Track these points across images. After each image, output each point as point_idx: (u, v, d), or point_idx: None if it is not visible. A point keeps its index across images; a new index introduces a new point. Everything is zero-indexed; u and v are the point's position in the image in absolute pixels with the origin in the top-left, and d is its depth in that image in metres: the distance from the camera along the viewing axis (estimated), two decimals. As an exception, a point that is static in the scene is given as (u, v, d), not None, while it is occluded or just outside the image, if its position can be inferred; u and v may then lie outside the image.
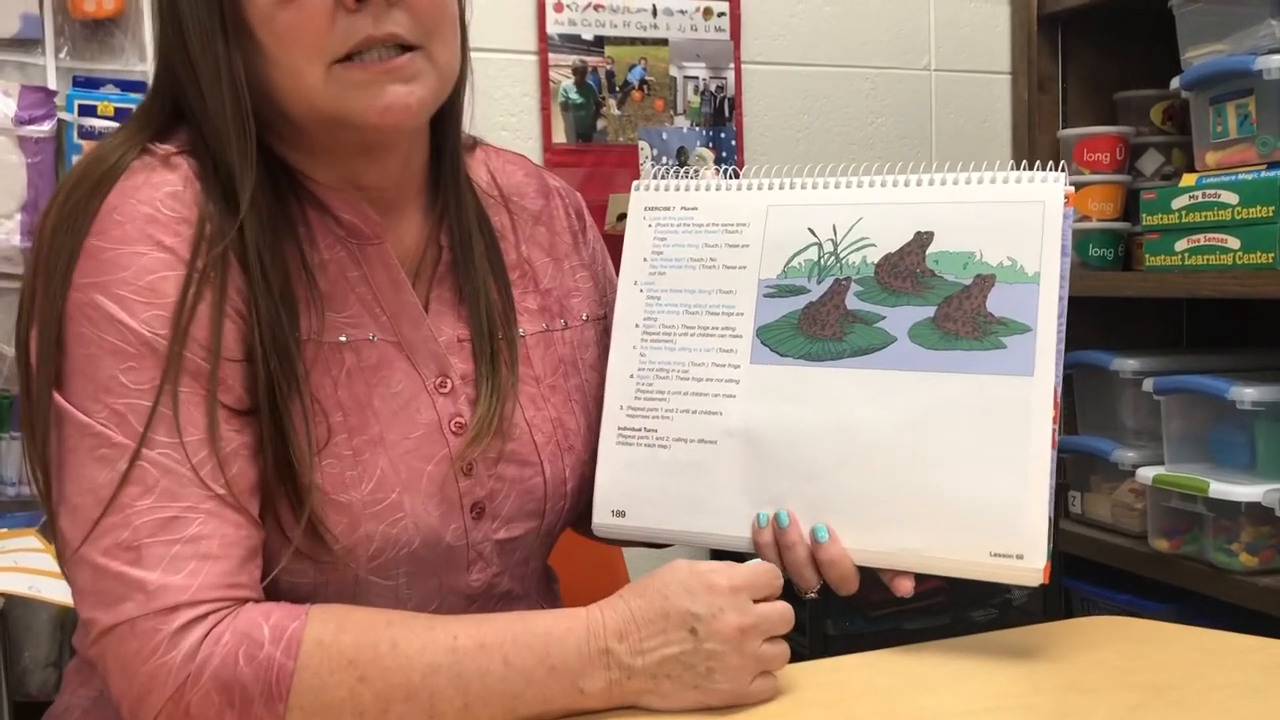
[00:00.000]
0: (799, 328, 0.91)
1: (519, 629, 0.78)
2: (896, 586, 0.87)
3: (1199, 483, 1.64)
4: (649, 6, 2.00)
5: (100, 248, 0.78)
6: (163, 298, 0.77)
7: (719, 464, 0.91)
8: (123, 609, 0.73)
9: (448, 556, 0.87)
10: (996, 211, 0.88)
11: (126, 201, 0.79)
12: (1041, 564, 0.84)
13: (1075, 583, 2.03)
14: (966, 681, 0.85)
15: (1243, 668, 0.88)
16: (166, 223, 0.79)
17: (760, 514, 0.89)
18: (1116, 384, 1.89)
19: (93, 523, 0.74)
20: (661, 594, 0.79)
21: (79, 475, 0.76)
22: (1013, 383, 0.85)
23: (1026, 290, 0.86)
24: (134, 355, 0.76)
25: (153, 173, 0.80)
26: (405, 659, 0.75)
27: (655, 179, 0.99)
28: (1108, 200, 1.98)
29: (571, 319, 0.98)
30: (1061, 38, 2.15)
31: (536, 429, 0.92)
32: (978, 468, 0.85)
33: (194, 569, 0.74)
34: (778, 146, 2.08)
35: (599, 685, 0.78)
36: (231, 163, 0.79)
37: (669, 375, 0.94)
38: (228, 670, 0.73)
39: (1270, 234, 1.57)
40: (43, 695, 1.73)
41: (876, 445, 0.87)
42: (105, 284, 0.77)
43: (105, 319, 0.76)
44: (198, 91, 0.80)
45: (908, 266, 0.90)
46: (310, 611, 0.77)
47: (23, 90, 1.65)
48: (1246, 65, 1.62)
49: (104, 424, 0.75)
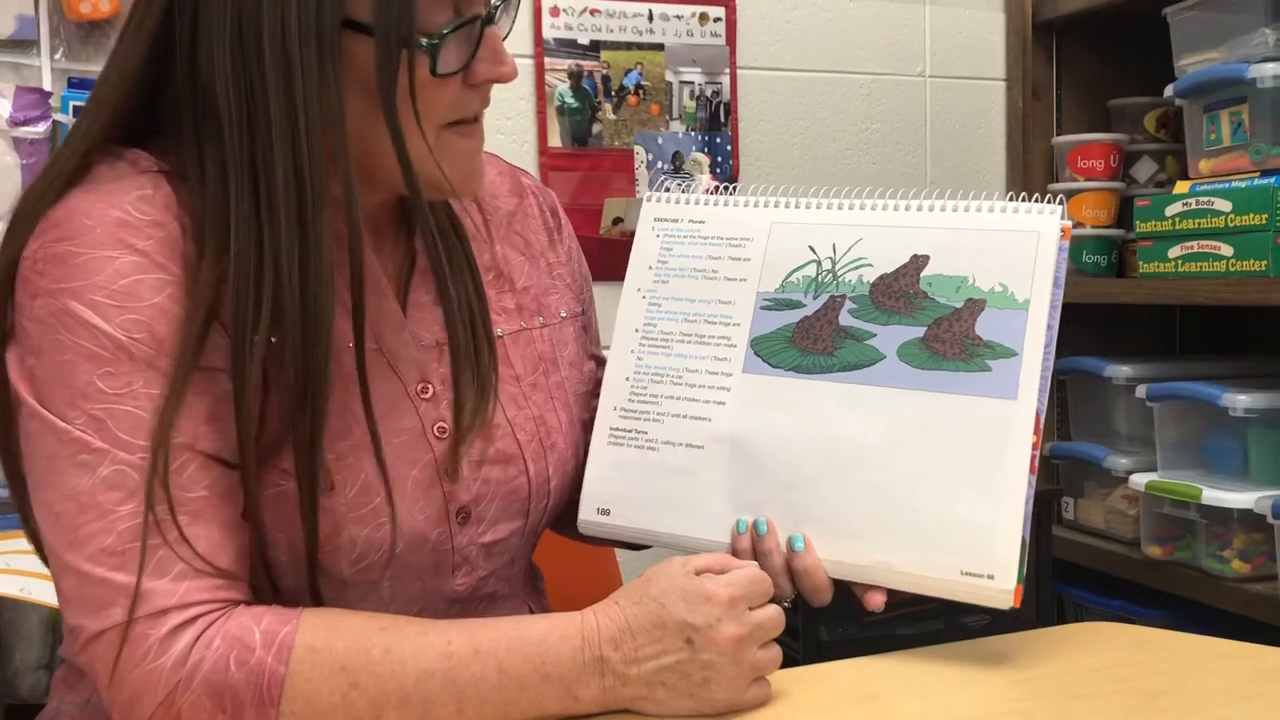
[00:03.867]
0: (792, 340, 0.93)
1: (513, 635, 0.78)
2: (868, 600, 0.88)
3: (1191, 489, 1.64)
4: (645, 11, 2.01)
5: (72, 253, 0.77)
6: (138, 301, 0.76)
7: (704, 468, 0.92)
8: (110, 614, 0.73)
9: (433, 560, 0.87)
10: (992, 239, 0.90)
11: (95, 205, 0.78)
12: (1012, 585, 0.84)
13: (1068, 589, 2.04)
14: (959, 687, 0.85)
15: (1234, 674, 0.88)
16: (138, 225, 0.78)
17: (740, 520, 0.90)
18: (1110, 390, 1.90)
19: (75, 529, 0.74)
20: (658, 602, 0.79)
21: (60, 482, 0.75)
22: (995, 405, 0.86)
23: (1015, 316, 0.87)
24: (110, 360, 0.75)
25: (120, 176, 0.79)
26: (399, 665, 0.75)
27: (665, 191, 1.01)
28: (1101, 207, 1.99)
29: (549, 317, 0.98)
30: (1056, 45, 2.16)
31: (519, 428, 0.91)
32: (954, 487, 0.85)
33: (180, 572, 0.74)
34: (773, 152, 2.08)
35: (593, 693, 0.78)
36: (279, 189, 0.76)
37: (663, 380, 0.95)
38: (219, 675, 0.72)
39: (1263, 241, 1.57)
40: (34, 698, 1.73)
41: (857, 459, 0.88)
42: (78, 289, 0.76)
43: (80, 324, 0.76)
44: (264, 129, 0.76)
45: (902, 287, 0.91)
46: (302, 616, 0.76)
47: (18, 91, 1.65)
48: (1240, 73, 1.63)
49: (82, 430, 0.75)
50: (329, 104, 0.76)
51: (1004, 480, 0.85)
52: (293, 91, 0.75)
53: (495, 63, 0.82)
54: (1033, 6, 2.12)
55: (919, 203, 0.93)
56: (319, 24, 0.75)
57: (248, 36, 0.76)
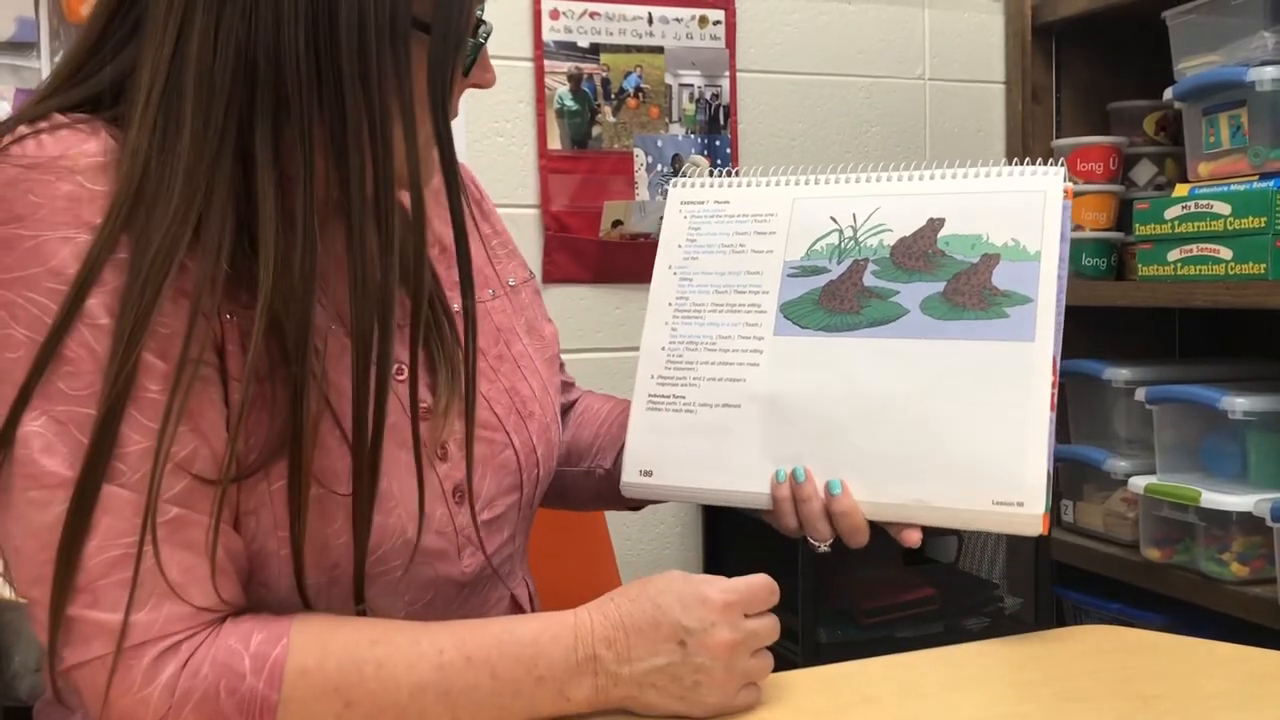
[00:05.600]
0: (819, 303, 0.98)
1: (505, 639, 0.77)
2: (904, 538, 0.92)
3: (1190, 492, 1.64)
4: (645, 14, 2.01)
5: (19, 236, 0.71)
6: (102, 285, 0.71)
7: (741, 426, 0.97)
8: (90, 648, 0.70)
9: (439, 544, 0.86)
10: (1002, 199, 0.96)
11: (41, 179, 0.71)
12: (1040, 511, 0.88)
13: (1067, 592, 2.04)
14: (958, 690, 0.85)
15: (1233, 677, 0.88)
16: (91, 198, 0.72)
17: (779, 470, 0.95)
18: (1109, 393, 1.90)
19: (40, 565, 0.70)
20: (654, 603, 0.79)
21: (19, 515, 0.71)
22: (1015, 348, 0.91)
23: (1028, 267, 0.93)
24: (70, 358, 0.70)
25: (67, 145, 0.73)
26: (391, 680, 0.74)
27: (691, 178, 1.08)
28: (1101, 210, 1.99)
29: (498, 287, 0.98)
30: (1056, 48, 2.16)
31: (494, 401, 0.91)
32: (981, 424, 0.90)
33: (156, 602, 0.71)
34: (772, 155, 2.08)
35: (585, 693, 0.78)
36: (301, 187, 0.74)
37: (697, 347, 1.01)
38: (209, 705, 0.71)
39: (1262, 244, 1.57)
40: (33, 700, 1.73)
41: (888, 406, 0.93)
42: (31, 278, 0.70)
43: (32, 319, 0.70)
44: (339, 116, 0.74)
45: (921, 248, 0.97)
46: (292, 635, 0.74)
47: (17, 94, 1.65)
48: (1239, 76, 1.63)
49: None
50: (404, 97, 0.76)
51: (1027, 414, 0.89)
52: (369, 84, 0.75)
53: (485, 69, 0.86)
54: (1032, 9, 2.12)
55: (930, 172, 0.99)
56: (393, 19, 0.75)
57: (322, 27, 0.74)
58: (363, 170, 0.75)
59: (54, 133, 0.74)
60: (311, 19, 0.74)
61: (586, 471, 1.09)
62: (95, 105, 0.77)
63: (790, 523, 0.94)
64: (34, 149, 0.72)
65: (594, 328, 1.99)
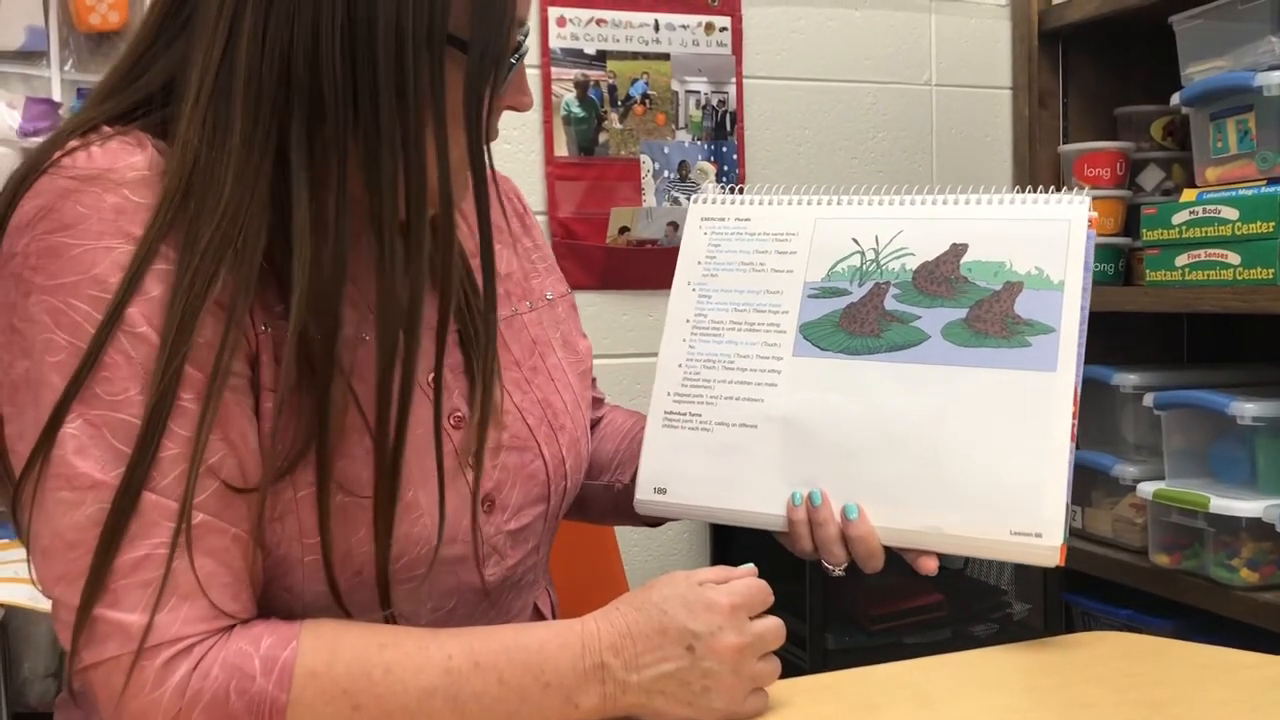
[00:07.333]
0: (840, 325, 0.97)
1: (513, 646, 0.78)
2: (920, 565, 0.91)
3: (1199, 498, 1.64)
4: (651, 21, 2.01)
5: (66, 244, 0.73)
6: (143, 294, 0.72)
7: (758, 447, 0.96)
8: (105, 648, 0.71)
9: (464, 552, 0.86)
10: (1026, 227, 0.95)
11: (90, 190, 0.73)
12: (1058, 542, 0.88)
13: (1076, 598, 2.03)
14: (966, 697, 0.85)
15: (1243, 684, 0.88)
16: (135, 210, 0.74)
17: (795, 493, 0.94)
18: (1117, 399, 1.89)
19: (69, 564, 0.71)
20: (660, 609, 0.79)
21: (47, 514, 0.72)
22: (1037, 377, 0.91)
23: (1051, 296, 0.92)
24: (108, 364, 0.72)
25: (115, 158, 0.75)
26: (400, 684, 0.74)
27: (712, 194, 1.08)
28: (1108, 215, 1.98)
29: (536, 300, 0.99)
30: (1062, 53, 2.16)
31: (527, 413, 0.92)
32: (1001, 453, 0.90)
33: (175, 604, 0.72)
34: (779, 161, 2.08)
35: (593, 701, 0.78)
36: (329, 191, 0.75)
37: (715, 365, 1.00)
38: (219, 706, 0.71)
39: (1270, 249, 1.57)
40: (42, 706, 1.74)
41: (907, 431, 0.92)
42: (75, 285, 0.72)
43: (73, 325, 0.72)
44: (374, 130, 0.75)
45: (943, 273, 0.96)
46: (301, 638, 0.74)
47: (28, 102, 1.66)
48: (1246, 81, 1.63)
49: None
50: (438, 113, 0.76)
51: (1048, 445, 0.89)
52: (405, 97, 0.75)
53: (522, 92, 0.86)
54: (1039, 15, 2.12)
55: (954, 196, 0.99)
56: (430, 34, 0.75)
57: (360, 37, 0.74)
58: (394, 182, 0.76)
59: (103, 144, 0.75)
60: (349, 28, 0.74)
61: (605, 486, 1.09)
62: (148, 104, 0.79)
63: (805, 546, 0.94)
64: (84, 161, 0.74)
65: (601, 334, 1.99)
